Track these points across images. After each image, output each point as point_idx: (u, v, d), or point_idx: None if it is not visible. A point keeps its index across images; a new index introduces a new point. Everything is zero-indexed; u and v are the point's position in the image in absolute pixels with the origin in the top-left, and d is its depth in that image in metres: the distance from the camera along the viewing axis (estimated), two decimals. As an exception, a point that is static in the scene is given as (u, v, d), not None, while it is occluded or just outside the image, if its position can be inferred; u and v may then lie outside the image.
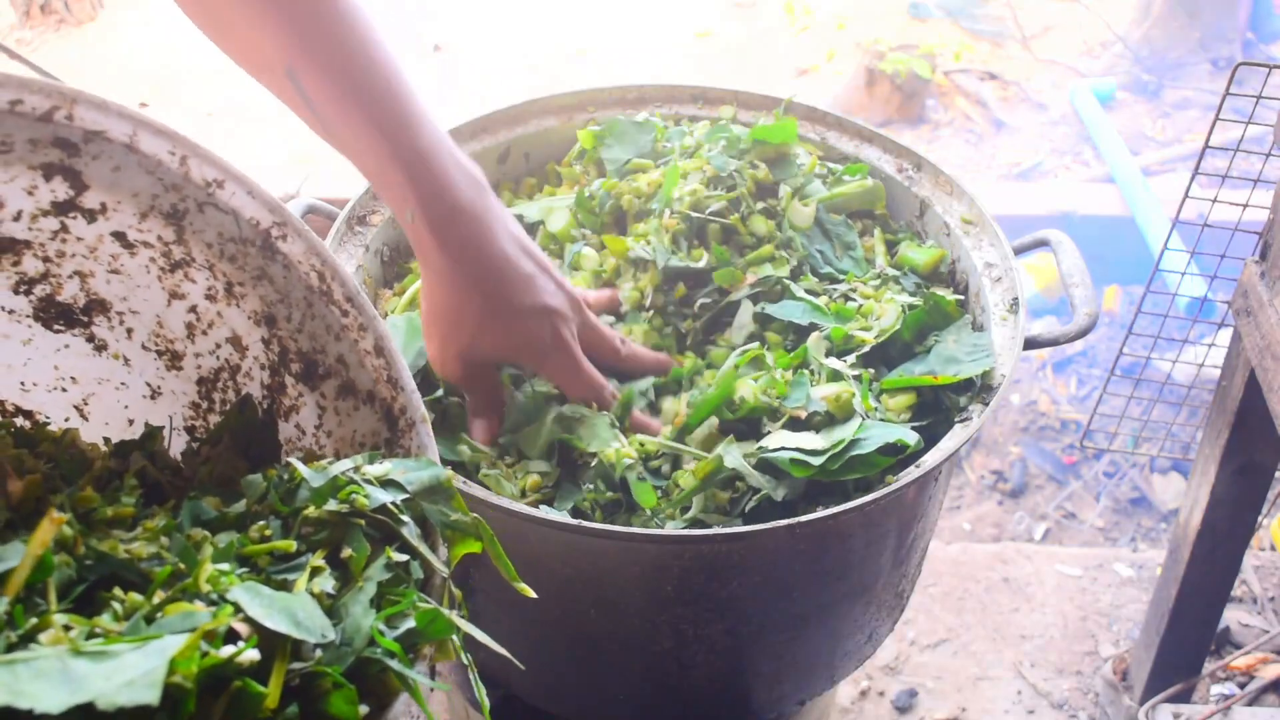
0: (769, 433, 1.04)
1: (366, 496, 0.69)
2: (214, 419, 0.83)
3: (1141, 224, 2.95)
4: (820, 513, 0.94)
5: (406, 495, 0.71)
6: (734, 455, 1.01)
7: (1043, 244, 1.27)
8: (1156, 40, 3.87)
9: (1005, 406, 2.74)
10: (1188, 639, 1.65)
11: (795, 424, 1.04)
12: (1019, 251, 1.24)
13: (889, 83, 3.65)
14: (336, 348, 0.79)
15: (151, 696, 0.51)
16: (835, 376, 1.08)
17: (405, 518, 0.70)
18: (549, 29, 4.34)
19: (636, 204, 1.24)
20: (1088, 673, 1.98)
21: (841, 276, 1.21)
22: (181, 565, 0.64)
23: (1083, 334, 1.13)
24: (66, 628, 0.57)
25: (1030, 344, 1.12)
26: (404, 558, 0.68)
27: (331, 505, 0.69)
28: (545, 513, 0.98)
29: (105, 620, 0.59)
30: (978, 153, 3.58)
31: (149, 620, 0.59)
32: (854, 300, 1.18)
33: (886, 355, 1.14)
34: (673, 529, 1.00)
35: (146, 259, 0.77)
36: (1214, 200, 1.53)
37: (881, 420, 1.05)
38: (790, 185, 1.25)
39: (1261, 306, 1.29)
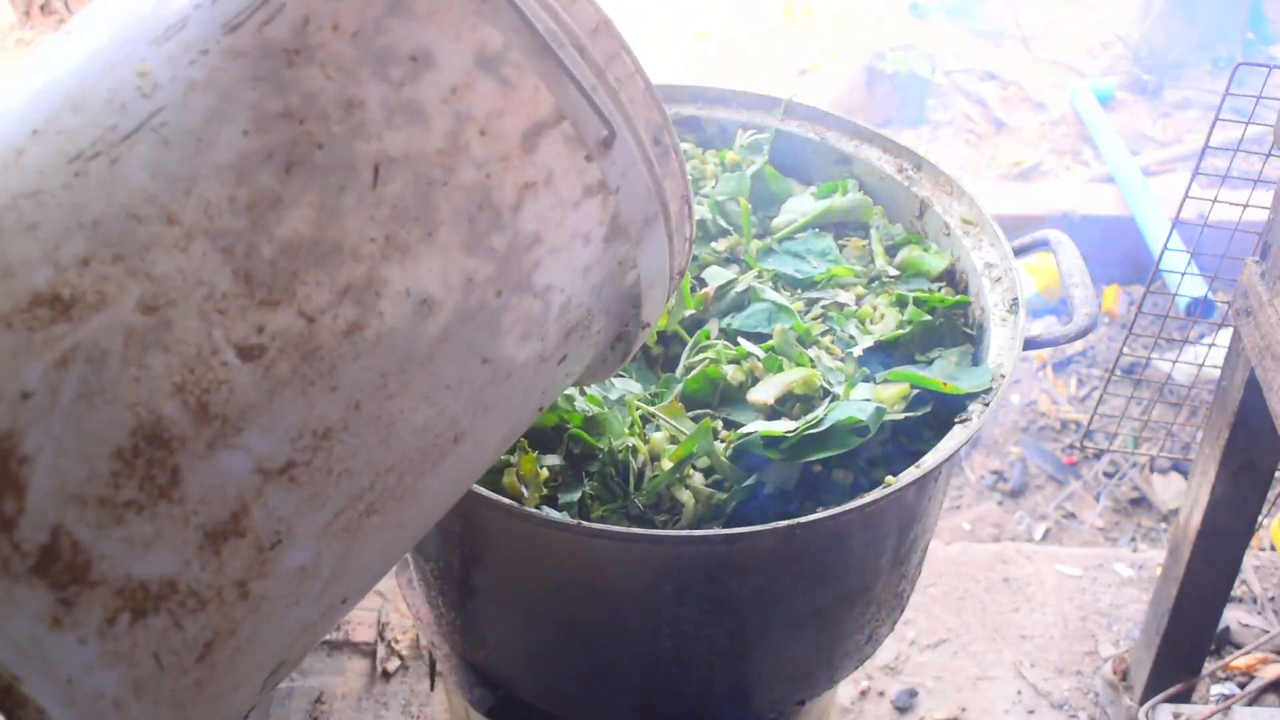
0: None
1: None
2: None
3: (1141, 224, 2.94)
4: (820, 514, 0.94)
5: None
6: (708, 441, 1.04)
7: (1043, 244, 1.27)
8: (1156, 40, 3.86)
9: (1005, 406, 2.74)
10: (1188, 639, 1.65)
11: (774, 414, 1.06)
12: (1019, 251, 1.24)
13: (889, 83, 3.65)
14: None
15: None
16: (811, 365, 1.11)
17: None
18: (549, 29, 4.33)
19: None
20: (1088, 673, 1.98)
21: (815, 279, 1.22)
22: None
23: (1083, 334, 1.14)
24: None
25: (1030, 344, 1.12)
26: None
27: None
28: (546, 513, 0.98)
29: None
30: (978, 153, 3.57)
31: None
32: (843, 304, 1.19)
33: (888, 359, 1.14)
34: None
35: None
36: (1214, 200, 1.54)
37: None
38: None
39: (1261, 306, 1.29)
